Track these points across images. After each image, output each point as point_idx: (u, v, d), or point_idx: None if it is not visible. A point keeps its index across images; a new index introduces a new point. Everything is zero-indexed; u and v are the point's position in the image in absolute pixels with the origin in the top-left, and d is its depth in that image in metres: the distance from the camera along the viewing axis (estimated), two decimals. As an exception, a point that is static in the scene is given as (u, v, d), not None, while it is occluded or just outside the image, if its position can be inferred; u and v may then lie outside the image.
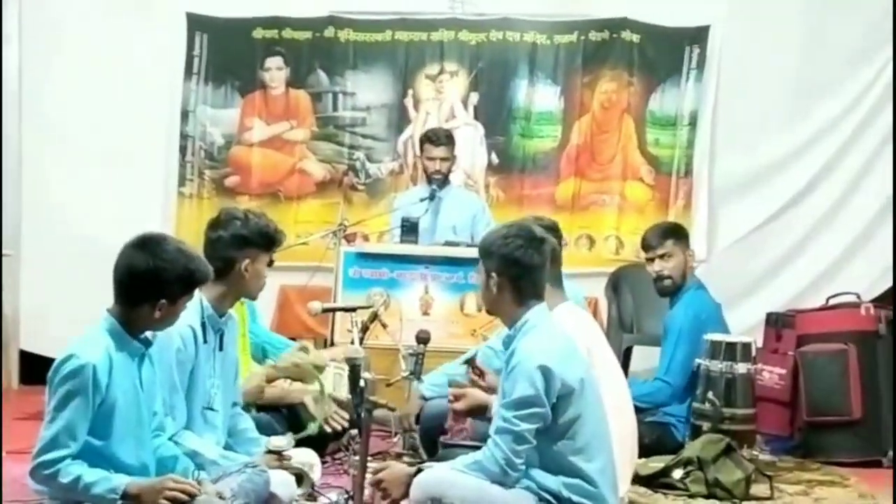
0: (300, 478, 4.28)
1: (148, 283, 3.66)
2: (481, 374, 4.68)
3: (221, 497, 3.66)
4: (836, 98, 7.67)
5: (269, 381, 5.32)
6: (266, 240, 4.40)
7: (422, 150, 7.19)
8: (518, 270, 3.91)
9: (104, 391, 3.55)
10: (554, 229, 4.66)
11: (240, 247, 4.28)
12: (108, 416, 3.57)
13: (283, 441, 4.30)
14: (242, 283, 4.34)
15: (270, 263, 4.54)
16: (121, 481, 3.50)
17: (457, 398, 4.48)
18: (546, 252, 3.98)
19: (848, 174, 7.65)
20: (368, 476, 4.05)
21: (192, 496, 3.53)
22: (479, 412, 4.46)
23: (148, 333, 3.77)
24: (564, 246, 5.10)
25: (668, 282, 5.87)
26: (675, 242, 5.88)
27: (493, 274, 3.92)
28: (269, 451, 4.24)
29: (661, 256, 5.85)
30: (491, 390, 4.44)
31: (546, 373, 3.73)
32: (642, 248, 6.07)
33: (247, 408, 4.88)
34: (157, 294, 3.65)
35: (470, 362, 4.81)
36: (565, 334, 3.95)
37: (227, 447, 4.31)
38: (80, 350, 3.56)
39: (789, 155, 7.71)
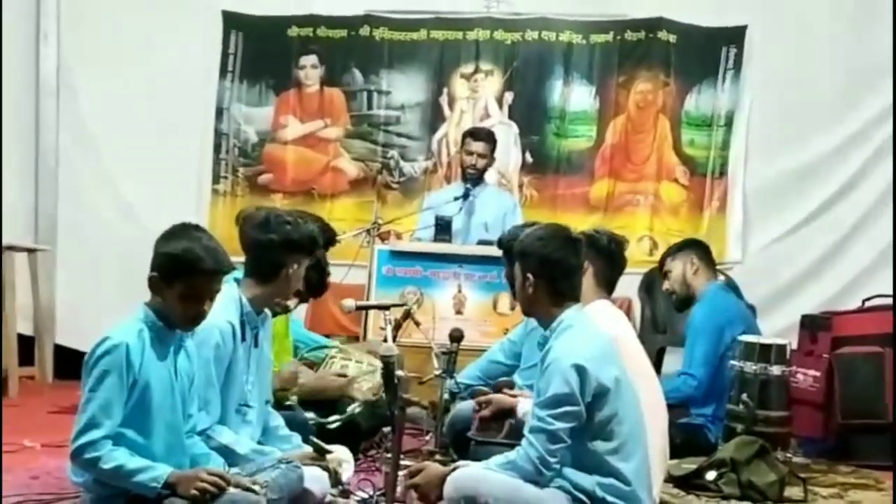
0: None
1: (154, 254, 3.68)
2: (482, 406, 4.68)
3: (256, 484, 3.69)
4: (874, 100, 7.61)
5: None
6: (313, 245, 4.41)
7: (462, 144, 7.18)
8: (555, 272, 3.90)
9: (137, 371, 3.57)
10: (620, 243, 4.67)
11: (290, 251, 4.28)
12: (140, 399, 3.59)
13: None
14: (284, 286, 4.35)
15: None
16: (163, 471, 3.53)
17: (482, 406, 4.54)
18: (581, 253, 3.99)
19: (885, 176, 7.57)
20: (401, 475, 4.06)
21: (222, 489, 3.55)
22: (506, 416, 4.53)
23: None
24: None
25: (673, 296, 5.97)
26: (673, 259, 5.94)
27: (529, 275, 3.91)
28: (316, 449, 4.27)
29: (665, 275, 5.95)
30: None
31: (581, 372, 3.71)
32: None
33: (281, 401, 4.90)
34: (154, 265, 3.66)
35: (473, 394, 4.82)
36: (601, 334, 3.93)
37: (260, 444, 4.31)
38: (114, 332, 3.60)
39: (826, 156, 7.65)
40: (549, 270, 3.89)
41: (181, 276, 3.64)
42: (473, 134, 7.15)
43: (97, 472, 3.53)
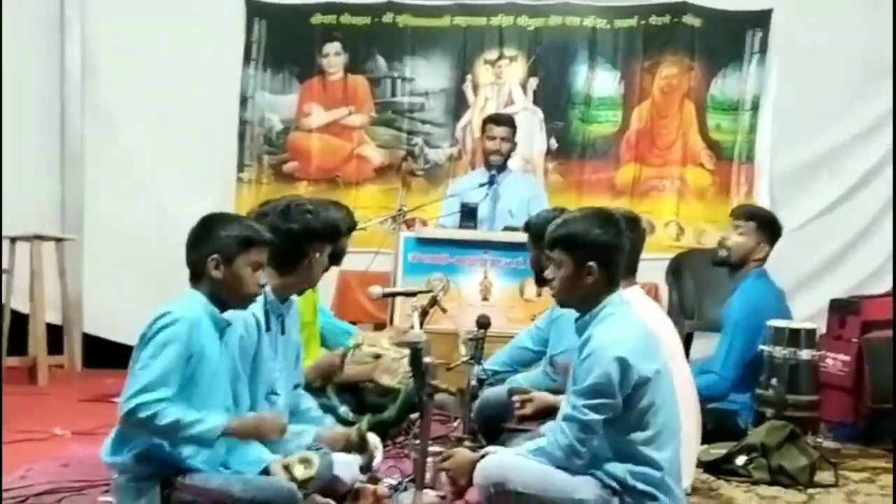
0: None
1: (201, 243, 3.74)
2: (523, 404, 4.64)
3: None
4: (901, 82, 7.56)
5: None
6: (334, 233, 4.43)
7: (483, 131, 7.16)
8: (616, 257, 3.81)
9: (195, 347, 3.61)
10: (636, 220, 4.63)
11: (310, 240, 4.29)
12: (192, 375, 3.62)
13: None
14: (307, 274, 4.35)
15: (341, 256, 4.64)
16: (221, 421, 3.58)
17: (523, 404, 4.52)
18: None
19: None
20: (430, 461, 4.06)
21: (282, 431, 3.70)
22: (547, 414, 4.44)
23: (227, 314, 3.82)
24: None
25: (723, 252, 5.83)
26: (757, 227, 5.81)
27: (592, 263, 3.75)
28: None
29: (736, 228, 5.83)
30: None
31: (623, 364, 3.64)
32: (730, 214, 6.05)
33: (323, 389, 4.92)
34: (210, 251, 3.70)
35: (511, 393, 4.79)
36: (643, 324, 3.85)
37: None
38: (176, 308, 3.65)
39: (853, 139, 7.62)
40: (611, 257, 3.79)
41: (242, 251, 3.73)
42: (495, 119, 7.14)
43: (153, 429, 3.53)
